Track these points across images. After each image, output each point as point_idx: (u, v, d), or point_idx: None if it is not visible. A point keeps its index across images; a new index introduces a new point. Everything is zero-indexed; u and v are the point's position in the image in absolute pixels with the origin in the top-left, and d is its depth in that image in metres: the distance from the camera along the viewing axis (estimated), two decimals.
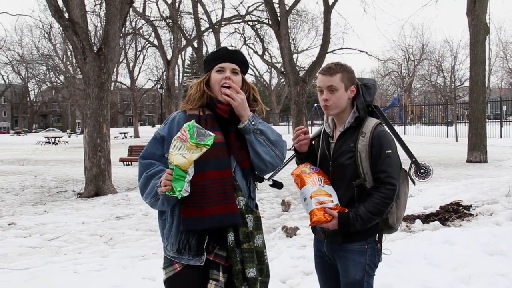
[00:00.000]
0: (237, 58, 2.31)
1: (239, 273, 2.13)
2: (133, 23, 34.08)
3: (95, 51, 10.74)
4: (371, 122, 2.42)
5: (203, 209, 2.09)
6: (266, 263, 2.25)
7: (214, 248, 2.16)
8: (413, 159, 2.92)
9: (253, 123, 2.22)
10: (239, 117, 2.23)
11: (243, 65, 2.34)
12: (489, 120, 27.06)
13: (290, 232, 6.29)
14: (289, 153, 2.43)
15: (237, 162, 2.22)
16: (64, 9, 10.80)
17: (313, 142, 2.73)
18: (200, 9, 29.35)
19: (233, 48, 2.38)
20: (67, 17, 10.58)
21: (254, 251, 2.17)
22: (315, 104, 41.01)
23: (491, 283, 3.82)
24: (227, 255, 2.15)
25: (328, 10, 21.32)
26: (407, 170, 2.63)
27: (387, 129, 2.51)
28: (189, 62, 56.34)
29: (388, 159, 2.35)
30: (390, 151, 2.36)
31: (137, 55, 45.36)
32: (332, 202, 2.37)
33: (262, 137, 2.24)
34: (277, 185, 2.59)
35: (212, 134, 2.02)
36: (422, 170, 2.99)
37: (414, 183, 2.69)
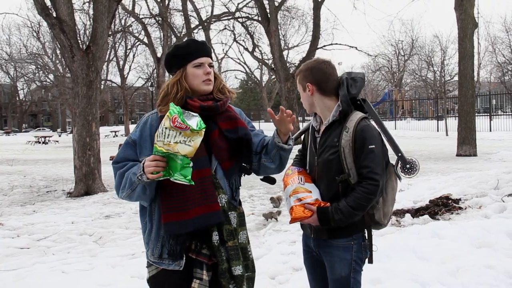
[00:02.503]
0: (209, 51, 2.27)
1: (225, 272, 2.09)
2: (123, 21, 33.87)
3: (83, 50, 10.65)
4: (355, 116, 2.39)
5: (185, 212, 2.04)
6: (251, 259, 2.23)
7: (198, 247, 2.13)
8: (399, 154, 2.91)
9: (293, 142, 2.25)
10: (283, 136, 2.21)
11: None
12: (479, 114, 27.25)
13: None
14: None
15: (218, 162, 2.18)
16: (51, 7, 10.69)
17: (302, 136, 2.73)
18: (189, 6, 29.25)
19: (202, 41, 2.31)
20: (54, 15, 10.47)
21: (239, 248, 2.14)
22: None
23: (479, 275, 3.84)
24: (212, 254, 2.12)
25: (317, 6, 21.37)
26: (394, 166, 2.61)
27: (373, 123, 2.49)
28: None
29: (371, 154, 2.31)
30: (373, 146, 2.32)
31: (127, 53, 45.08)
32: (311, 197, 2.36)
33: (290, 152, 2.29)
34: (269, 180, 2.54)
35: (194, 113, 2.00)
36: (408, 166, 2.97)
37: (400, 178, 2.68)
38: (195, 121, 1.95)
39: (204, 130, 1.96)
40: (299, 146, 2.77)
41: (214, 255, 2.11)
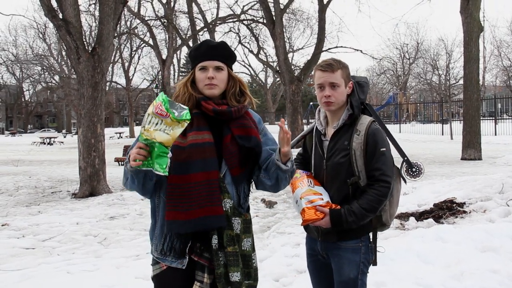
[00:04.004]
0: (220, 54, 2.20)
1: (221, 276, 2.08)
2: (128, 23, 34.01)
3: (89, 51, 10.71)
4: (365, 120, 2.43)
5: (187, 212, 2.04)
6: (254, 267, 2.20)
7: (199, 249, 2.13)
8: (405, 158, 2.93)
9: (293, 166, 2.20)
10: (284, 157, 2.15)
11: (228, 59, 2.24)
12: (484, 118, 27.17)
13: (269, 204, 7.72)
14: None
15: (228, 168, 2.16)
16: (58, 9, 10.75)
17: (304, 139, 2.74)
18: (195, 8, 29.26)
19: (216, 43, 2.25)
20: (61, 17, 10.54)
21: (239, 255, 2.12)
22: (311, 103, 41.05)
23: (483, 279, 3.84)
24: (211, 257, 2.11)
25: (322, 9, 21.36)
26: (399, 169, 2.64)
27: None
28: (184, 62, 56.09)
29: (383, 157, 2.36)
30: (384, 149, 2.37)
31: (132, 55, 45.25)
32: (322, 199, 2.37)
33: (289, 175, 2.22)
34: None
35: (184, 106, 1.95)
36: (413, 169, 3.00)
37: (405, 181, 2.71)
38: (181, 112, 1.91)
39: (187, 122, 1.91)
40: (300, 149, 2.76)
41: (212, 259, 2.10)
